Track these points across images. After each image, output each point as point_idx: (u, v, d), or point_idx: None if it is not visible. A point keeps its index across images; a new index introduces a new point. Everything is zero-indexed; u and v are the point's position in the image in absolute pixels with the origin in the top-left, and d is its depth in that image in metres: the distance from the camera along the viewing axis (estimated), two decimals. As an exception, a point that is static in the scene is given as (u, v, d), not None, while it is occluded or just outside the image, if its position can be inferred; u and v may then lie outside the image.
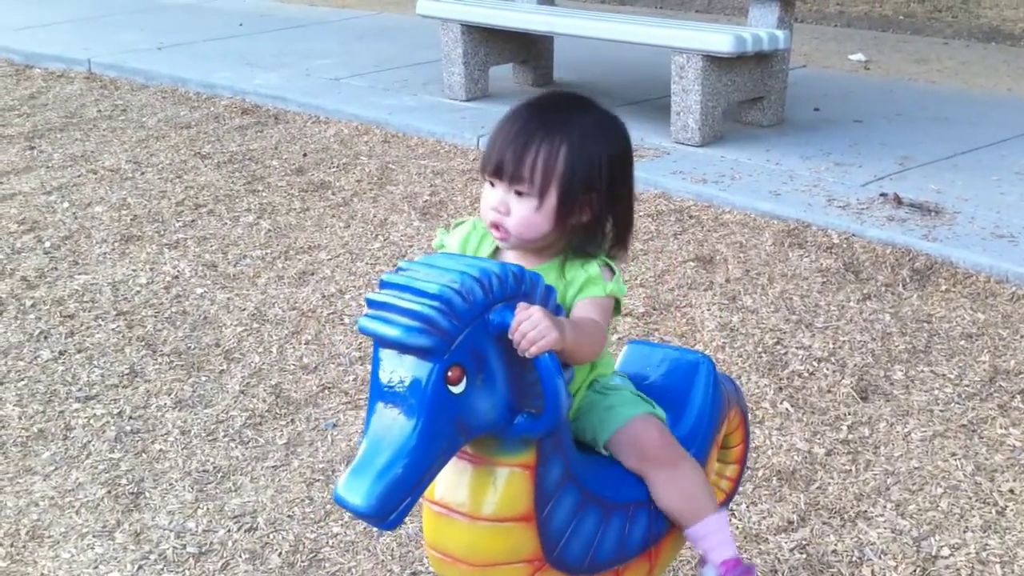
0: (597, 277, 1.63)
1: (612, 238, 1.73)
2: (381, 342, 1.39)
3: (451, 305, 1.35)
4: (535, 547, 1.51)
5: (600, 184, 1.64)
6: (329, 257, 4.33)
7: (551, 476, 1.51)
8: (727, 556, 1.74)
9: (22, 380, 3.41)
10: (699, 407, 1.78)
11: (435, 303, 1.35)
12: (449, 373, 1.36)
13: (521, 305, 1.42)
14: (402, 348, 1.37)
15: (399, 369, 1.37)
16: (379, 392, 1.39)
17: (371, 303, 1.41)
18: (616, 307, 1.70)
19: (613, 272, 1.69)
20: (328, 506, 2.78)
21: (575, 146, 1.61)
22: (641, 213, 4.68)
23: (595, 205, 1.65)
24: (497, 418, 1.44)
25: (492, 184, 1.65)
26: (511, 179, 1.62)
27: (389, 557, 2.59)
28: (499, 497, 1.49)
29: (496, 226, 1.64)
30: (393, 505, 1.34)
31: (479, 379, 1.40)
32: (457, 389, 1.38)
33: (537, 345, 1.41)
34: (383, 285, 1.42)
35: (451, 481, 1.51)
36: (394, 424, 1.36)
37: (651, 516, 1.67)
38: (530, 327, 1.41)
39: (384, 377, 1.39)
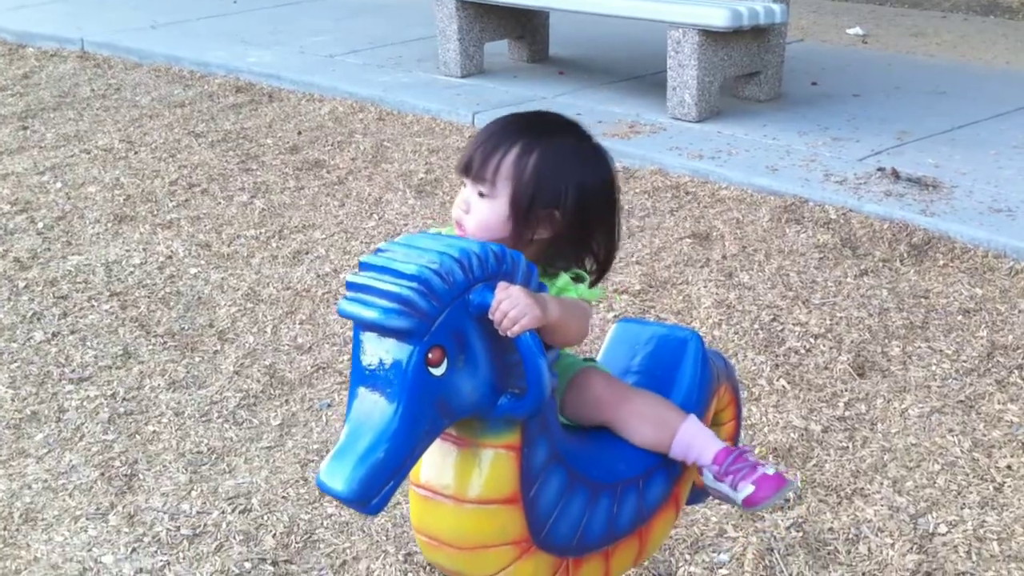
0: (567, 285, 1.61)
1: (591, 269, 1.70)
2: (361, 324, 1.37)
3: (430, 286, 1.33)
4: (522, 529, 1.50)
5: (563, 205, 1.59)
6: (323, 236, 4.31)
7: (537, 457, 1.50)
8: (716, 450, 1.72)
9: (15, 362, 3.39)
10: (688, 384, 1.77)
11: (414, 284, 1.33)
12: (429, 355, 1.34)
13: (501, 284, 1.40)
14: (381, 330, 1.35)
15: (379, 352, 1.36)
16: (360, 375, 1.37)
17: (351, 285, 1.39)
18: None
19: (582, 280, 1.67)
20: (322, 487, 2.76)
21: (544, 161, 1.57)
22: (637, 190, 4.65)
23: (556, 224, 1.60)
24: (480, 399, 1.42)
25: (464, 183, 1.64)
26: (474, 178, 1.60)
27: (384, 538, 2.58)
28: (484, 479, 1.47)
29: (459, 224, 1.63)
30: (375, 490, 1.32)
31: (460, 360, 1.38)
32: (438, 371, 1.36)
33: (519, 324, 1.39)
34: (362, 267, 1.40)
35: (436, 464, 1.50)
36: (375, 408, 1.34)
37: (640, 496, 1.66)
38: (510, 306, 1.39)
39: (364, 360, 1.37)
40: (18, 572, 2.50)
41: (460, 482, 1.49)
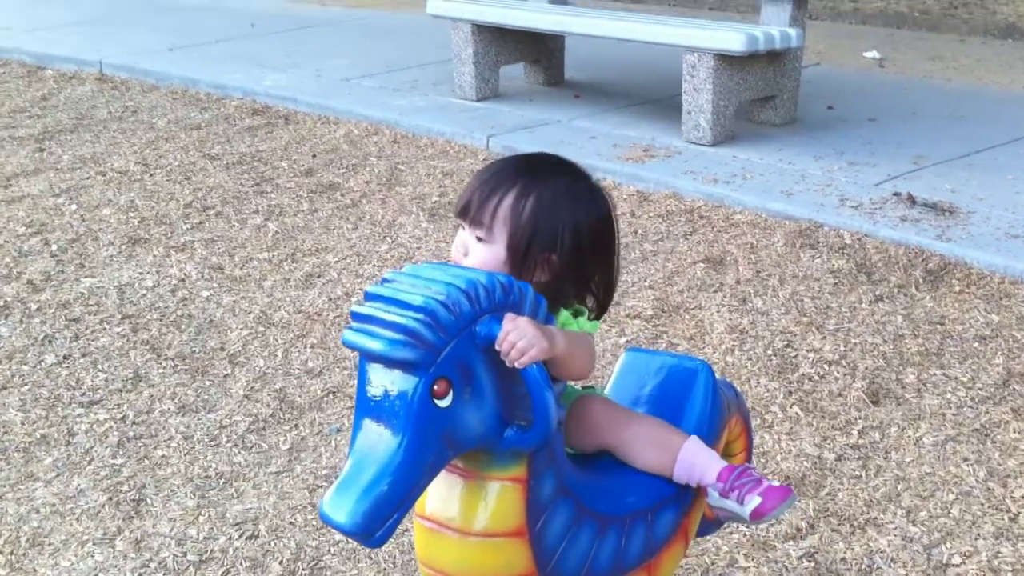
0: (567, 320, 1.60)
1: (592, 305, 1.69)
2: (366, 356, 1.36)
3: (436, 317, 1.32)
4: (528, 562, 1.48)
5: (560, 247, 1.58)
6: (336, 259, 4.30)
7: (544, 490, 1.48)
8: (719, 468, 1.70)
9: (25, 385, 3.39)
10: (698, 415, 1.74)
11: (420, 315, 1.31)
12: (435, 387, 1.33)
13: (509, 316, 1.38)
14: (387, 362, 1.33)
15: (384, 383, 1.34)
16: (365, 407, 1.36)
17: (355, 316, 1.37)
18: None
19: (581, 314, 1.66)
20: (330, 513, 2.75)
21: (540, 204, 1.56)
22: (652, 214, 4.64)
23: (554, 267, 1.59)
24: (486, 432, 1.40)
25: (461, 226, 1.63)
26: (472, 222, 1.59)
27: (391, 565, 2.56)
28: (490, 512, 1.45)
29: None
30: (379, 523, 1.31)
31: (467, 392, 1.37)
32: (444, 403, 1.34)
33: (527, 355, 1.37)
34: (368, 297, 1.38)
35: (442, 496, 1.48)
36: (380, 440, 1.33)
37: (648, 529, 1.63)
38: (518, 337, 1.37)
39: (370, 391, 1.35)
40: (24, 597, 2.49)
41: (466, 514, 1.47)
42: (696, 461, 1.71)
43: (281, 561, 2.59)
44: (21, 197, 5.00)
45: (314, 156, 5.54)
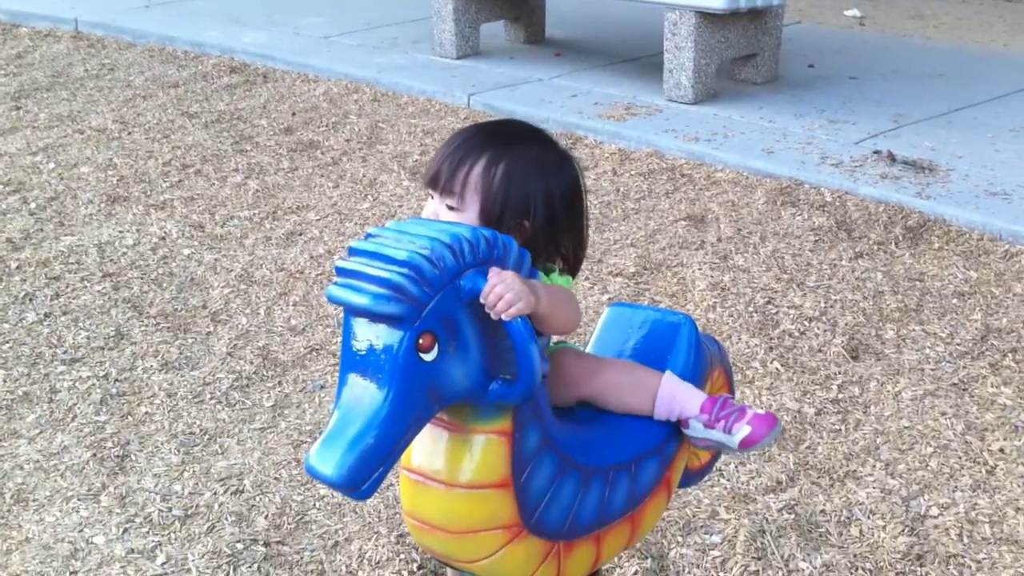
0: (541, 278, 1.60)
1: (562, 267, 1.69)
2: (351, 310, 1.36)
3: (420, 271, 1.32)
4: (513, 514, 1.49)
5: (533, 214, 1.59)
6: (318, 217, 4.29)
7: (528, 443, 1.49)
8: (701, 400, 1.72)
9: (7, 343, 3.38)
10: (681, 367, 1.76)
11: (404, 270, 1.32)
12: (420, 341, 1.34)
13: (494, 270, 1.39)
14: (372, 316, 1.34)
15: (370, 337, 1.35)
16: (350, 361, 1.36)
17: (340, 271, 1.38)
18: None
19: (551, 271, 1.66)
20: (315, 468, 2.76)
21: (512, 171, 1.56)
22: (633, 172, 4.64)
23: (527, 233, 1.60)
24: (471, 385, 1.41)
25: (431, 195, 1.62)
26: (442, 191, 1.59)
27: (376, 519, 2.58)
28: (476, 464, 1.47)
29: None
30: (365, 475, 1.31)
31: (452, 346, 1.38)
32: (429, 357, 1.35)
33: (514, 307, 1.38)
34: (352, 252, 1.39)
35: (427, 448, 1.49)
36: (365, 393, 1.34)
37: (632, 480, 1.65)
38: (505, 290, 1.38)
39: (355, 346, 1.36)
40: (9, 552, 2.50)
41: (451, 467, 1.48)
42: (676, 394, 1.72)
43: (267, 516, 2.60)
44: (-2, 155, 4.95)
45: (294, 114, 5.50)
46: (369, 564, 2.44)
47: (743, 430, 1.69)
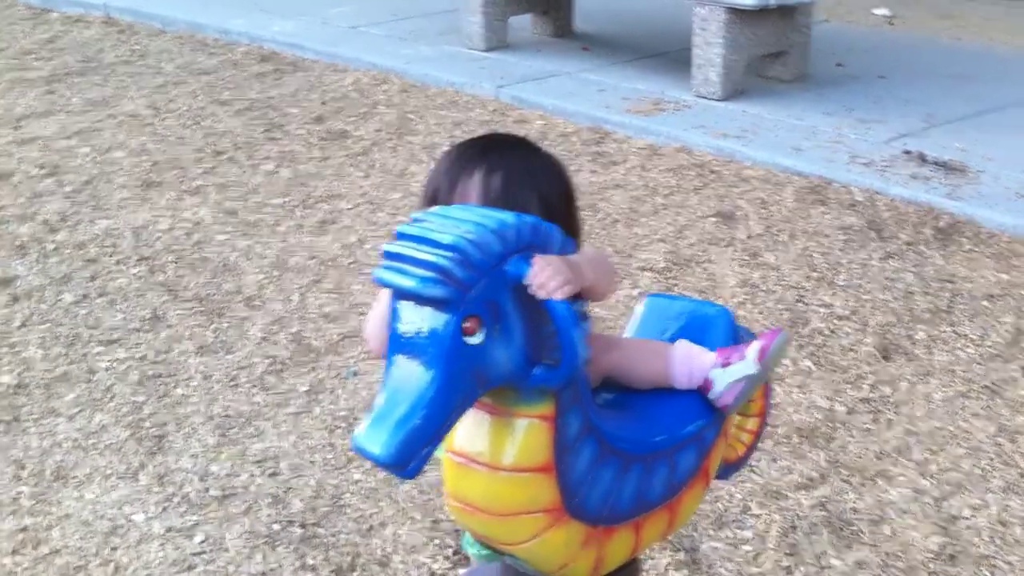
0: None
1: None
2: (398, 293, 1.39)
3: (467, 255, 1.35)
4: (555, 497, 1.51)
5: None
6: (349, 207, 4.32)
7: (570, 427, 1.51)
8: (713, 355, 1.75)
9: (44, 323, 3.42)
10: (715, 360, 1.77)
11: (451, 254, 1.34)
12: (466, 324, 1.36)
13: (539, 256, 1.42)
14: (418, 299, 1.36)
15: (417, 320, 1.37)
16: (397, 343, 1.39)
17: (388, 254, 1.40)
18: None
19: None
20: (350, 453, 2.79)
21: (510, 180, 1.59)
22: (662, 167, 4.66)
23: None
24: (514, 369, 1.43)
25: None
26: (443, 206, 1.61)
27: (410, 504, 2.61)
28: (518, 448, 1.48)
29: None
30: (411, 454, 1.34)
31: (496, 330, 1.40)
32: (474, 340, 1.37)
33: (563, 289, 1.41)
34: (399, 236, 1.41)
35: (471, 431, 1.51)
36: (412, 375, 1.36)
37: (670, 468, 1.67)
38: (552, 273, 1.41)
39: (402, 328, 1.38)
40: (50, 528, 2.54)
41: (494, 450, 1.50)
42: (690, 352, 1.75)
43: (302, 498, 2.63)
44: (33, 138, 4.99)
45: (323, 104, 5.53)
46: (404, 548, 2.47)
47: (754, 347, 1.73)
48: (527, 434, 1.49)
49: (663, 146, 4.87)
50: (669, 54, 6.16)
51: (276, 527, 2.53)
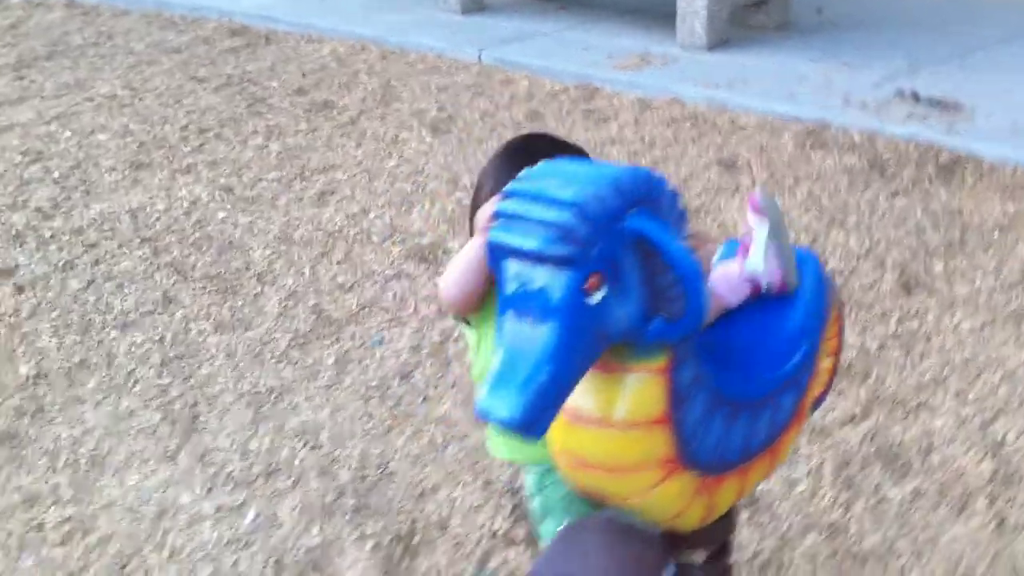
0: None
1: None
2: (516, 253, 1.34)
3: (588, 212, 1.31)
4: (669, 450, 1.48)
5: None
6: (346, 177, 4.25)
7: (684, 379, 1.48)
8: (734, 261, 1.76)
9: (54, 310, 3.34)
10: (807, 303, 1.75)
11: (573, 210, 1.30)
12: (588, 281, 1.33)
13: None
14: (540, 259, 1.32)
15: (534, 280, 1.33)
16: (512, 303, 1.34)
17: (503, 214, 1.35)
18: None
19: None
20: (389, 421, 2.76)
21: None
22: (656, 120, 4.63)
23: None
24: (632, 324, 1.40)
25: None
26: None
27: (459, 467, 2.58)
28: (633, 402, 1.45)
29: None
30: (539, 414, 1.30)
31: (616, 286, 1.37)
32: (595, 297, 1.34)
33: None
34: (510, 195, 1.37)
35: (583, 387, 1.47)
36: (532, 335, 1.32)
37: (772, 413, 1.65)
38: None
39: (518, 289, 1.34)
40: (95, 517, 2.48)
41: (608, 406, 1.46)
42: (724, 273, 1.74)
43: (349, 468, 2.60)
44: (11, 126, 4.86)
45: (304, 75, 5.44)
46: (461, 511, 2.44)
47: (748, 211, 1.75)
48: (642, 388, 1.46)
49: (654, 99, 4.84)
50: (648, 8, 6.12)
51: (328, 499, 2.49)
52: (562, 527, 1.69)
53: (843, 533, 2.34)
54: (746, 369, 1.65)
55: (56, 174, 4.32)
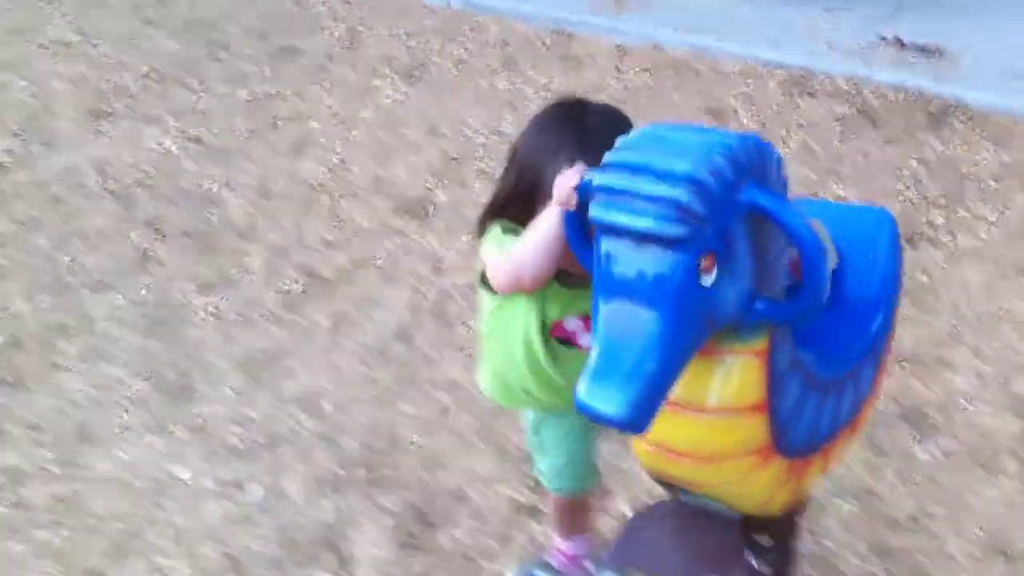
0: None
1: None
2: (621, 232, 1.21)
3: (704, 187, 1.17)
4: (765, 436, 1.38)
5: None
6: (320, 126, 4.07)
7: (781, 362, 1.37)
8: None
9: (24, 269, 3.15)
10: (883, 268, 1.66)
11: (689, 186, 1.17)
12: (702, 262, 1.19)
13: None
14: (651, 239, 1.19)
15: (642, 261, 1.19)
16: (614, 287, 1.21)
17: (605, 189, 1.21)
18: None
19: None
20: (395, 387, 2.64)
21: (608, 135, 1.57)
22: (637, 68, 4.50)
23: None
24: (739, 306, 1.28)
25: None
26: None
27: (472, 434, 2.48)
28: (732, 387, 1.34)
29: None
30: (646, 408, 1.19)
31: (726, 267, 1.24)
32: (708, 279, 1.21)
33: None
34: (610, 167, 1.22)
35: (676, 373, 1.37)
36: (637, 322, 1.19)
37: (855, 386, 1.57)
38: None
39: (622, 271, 1.20)
40: (90, 494, 2.34)
41: (704, 391, 1.35)
42: None
43: (356, 437, 2.48)
44: (-42, 74, 4.59)
45: (262, 20, 5.20)
46: (479, 481, 2.34)
47: None
48: (741, 372, 1.34)
49: (633, 45, 4.70)
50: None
51: (337, 471, 2.37)
52: (633, 515, 1.59)
53: (875, 496, 2.28)
54: (829, 344, 1.56)
55: (14, 126, 4.07)
